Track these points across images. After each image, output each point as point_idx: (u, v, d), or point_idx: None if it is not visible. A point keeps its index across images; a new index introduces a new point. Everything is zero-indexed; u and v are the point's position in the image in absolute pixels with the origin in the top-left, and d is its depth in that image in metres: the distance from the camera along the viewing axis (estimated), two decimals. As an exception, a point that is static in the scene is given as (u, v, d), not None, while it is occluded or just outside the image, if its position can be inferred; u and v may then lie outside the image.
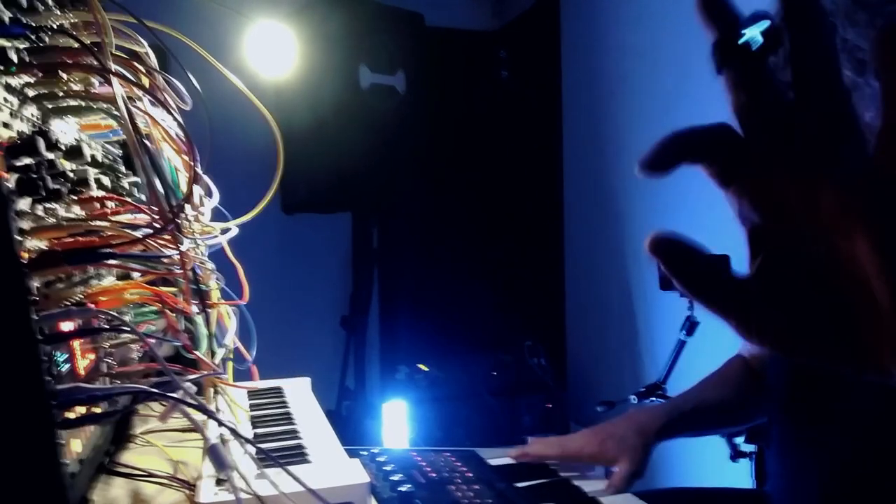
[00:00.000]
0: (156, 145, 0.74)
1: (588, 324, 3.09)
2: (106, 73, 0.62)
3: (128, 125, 0.61)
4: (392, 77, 2.79)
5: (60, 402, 0.56)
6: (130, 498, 0.80)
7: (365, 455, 1.22)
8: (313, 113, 2.62)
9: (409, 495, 1.02)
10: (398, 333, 3.22)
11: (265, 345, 0.98)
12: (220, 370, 0.82)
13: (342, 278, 3.14)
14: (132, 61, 0.68)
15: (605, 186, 2.89)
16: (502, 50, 3.39)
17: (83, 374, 0.67)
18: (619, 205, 2.81)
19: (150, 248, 0.68)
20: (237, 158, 2.00)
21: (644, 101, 2.64)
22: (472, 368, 2.76)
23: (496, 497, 1.05)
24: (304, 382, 1.19)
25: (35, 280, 0.56)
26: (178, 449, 0.97)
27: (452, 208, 3.30)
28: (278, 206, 2.86)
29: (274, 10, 2.03)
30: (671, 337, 1.91)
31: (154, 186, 0.64)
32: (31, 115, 0.67)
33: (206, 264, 0.89)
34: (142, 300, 0.79)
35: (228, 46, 1.16)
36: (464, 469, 1.17)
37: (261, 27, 1.30)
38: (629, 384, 2.59)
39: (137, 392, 0.65)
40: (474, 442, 2.49)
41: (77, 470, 0.61)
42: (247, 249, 0.96)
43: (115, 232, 0.66)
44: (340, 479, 0.71)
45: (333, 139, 2.63)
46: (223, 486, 0.68)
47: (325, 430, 0.93)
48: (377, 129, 2.70)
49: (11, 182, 0.55)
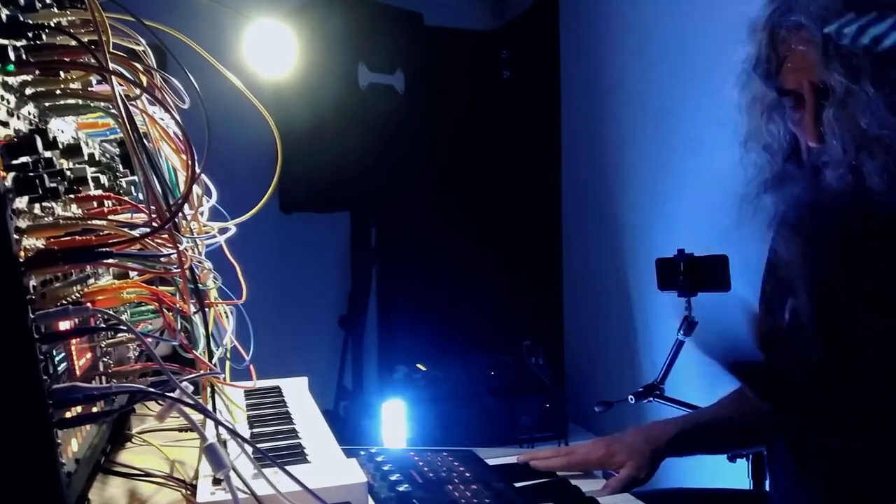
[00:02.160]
0: (154, 144, 0.74)
1: (586, 324, 3.09)
2: (104, 72, 0.61)
3: (126, 124, 0.61)
4: (391, 76, 2.79)
5: (57, 401, 0.55)
6: (127, 497, 0.80)
7: (363, 455, 1.22)
8: (312, 112, 2.62)
9: (407, 495, 1.02)
10: (396, 333, 3.22)
11: (263, 344, 0.97)
12: (217, 370, 0.82)
13: (340, 278, 3.14)
14: (130, 60, 0.67)
15: (603, 186, 2.89)
16: (504, 50, 3.39)
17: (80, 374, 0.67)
18: (617, 205, 2.81)
19: (147, 248, 0.68)
20: (236, 158, 2.00)
21: (643, 101, 2.64)
22: (470, 368, 2.75)
23: (494, 497, 1.05)
24: (301, 382, 1.19)
25: (32, 279, 0.56)
26: (175, 448, 0.97)
27: (451, 208, 3.29)
28: (277, 205, 2.85)
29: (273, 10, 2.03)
30: (669, 337, 1.90)
31: (152, 185, 0.64)
32: (29, 114, 0.67)
33: (203, 264, 0.88)
34: (139, 299, 0.79)
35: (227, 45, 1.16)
36: (462, 469, 1.17)
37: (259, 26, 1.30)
38: (627, 384, 2.59)
39: (135, 391, 0.65)
40: (472, 442, 2.49)
41: (74, 469, 0.60)
42: (245, 249, 0.95)
43: (113, 231, 0.66)
44: (338, 479, 0.71)
45: (332, 138, 2.62)
46: (220, 486, 0.68)
47: (322, 430, 0.93)
48: (376, 129, 2.69)
49: (9, 180, 0.55)
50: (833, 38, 0.90)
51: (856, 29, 0.89)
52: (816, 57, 0.93)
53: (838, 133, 0.93)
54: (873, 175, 0.91)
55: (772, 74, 1.01)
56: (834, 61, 0.91)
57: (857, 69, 0.89)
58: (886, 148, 0.90)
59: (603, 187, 2.90)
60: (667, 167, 2.49)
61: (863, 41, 0.88)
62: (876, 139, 0.90)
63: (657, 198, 2.56)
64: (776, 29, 0.99)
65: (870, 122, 0.90)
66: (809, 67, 0.95)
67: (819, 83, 0.95)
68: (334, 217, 3.09)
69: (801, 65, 0.97)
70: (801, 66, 0.96)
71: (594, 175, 2.98)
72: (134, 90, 0.69)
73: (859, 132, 0.91)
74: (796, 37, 0.96)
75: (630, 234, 2.74)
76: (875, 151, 0.91)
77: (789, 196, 1.04)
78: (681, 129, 2.41)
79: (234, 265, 0.96)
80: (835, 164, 0.95)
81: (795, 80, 0.98)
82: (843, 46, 0.90)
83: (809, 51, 0.94)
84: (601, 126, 2.91)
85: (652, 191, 2.59)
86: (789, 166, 1.05)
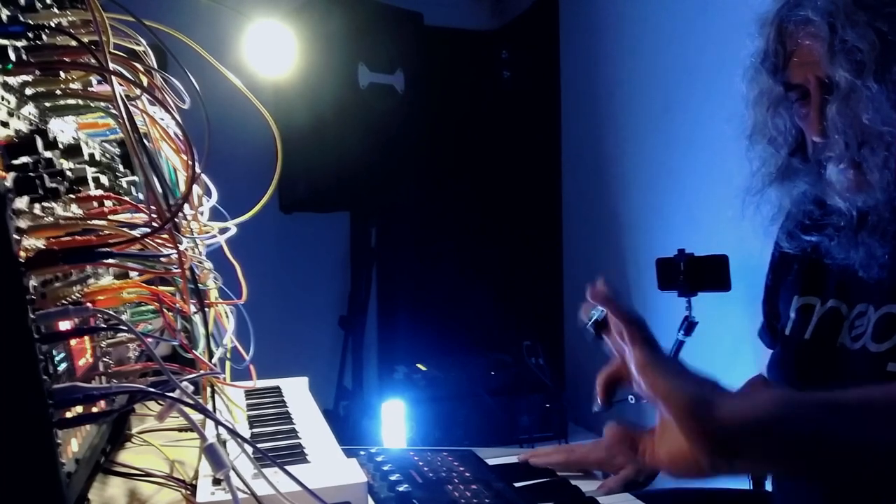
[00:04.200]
0: (154, 144, 0.74)
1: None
2: (104, 72, 0.61)
3: (126, 124, 0.61)
4: (391, 76, 2.79)
5: (58, 401, 0.55)
6: (127, 497, 0.80)
7: (363, 455, 1.22)
8: (312, 112, 2.62)
9: (407, 495, 1.02)
10: (396, 333, 3.22)
11: (263, 344, 0.97)
12: (217, 370, 0.82)
13: (340, 278, 3.14)
14: (131, 60, 0.67)
15: (603, 187, 2.89)
16: (504, 50, 3.39)
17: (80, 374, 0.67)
18: (617, 205, 2.81)
19: (147, 248, 0.68)
20: (236, 158, 2.00)
21: (643, 101, 2.64)
22: (470, 368, 2.75)
23: (494, 497, 1.05)
24: (301, 382, 1.19)
25: (32, 279, 0.56)
26: (175, 448, 0.97)
27: (451, 208, 3.29)
28: (277, 205, 2.85)
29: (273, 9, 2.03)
30: (669, 337, 1.91)
31: (152, 185, 0.64)
32: (30, 114, 0.67)
33: (204, 263, 0.88)
34: (139, 299, 0.79)
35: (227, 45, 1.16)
36: (462, 469, 1.17)
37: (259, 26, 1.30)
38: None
39: (135, 391, 0.65)
40: (472, 442, 2.49)
41: (74, 469, 0.60)
42: (245, 249, 0.95)
43: (113, 231, 0.66)
44: (338, 479, 0.71)
45: (332, 138, 2.62)
46: (220, 486, 0.68)
47: (322, 430, 0.93)
48: (376, 129, 2.69)
49: (9, 180, 0.55)
50: (839, 34, 0.90)
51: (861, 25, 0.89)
52: (822, 52, 0.93)
53: (841, 128, 0.93)
54: (874, 171, 0.92)
55: (779, 69, 1.01)
56: (839, 56, 0.91)
57: (861, 65, 0.89)
58: (888, 144, 0.90)
59: (603, 187, 2.90)
60: (667, 167, 2.49)
61: (868, 37, 0.89)
62: (878, 135, 0.90)
63: (657, 198, 2.56)
64: (784, 23, 1.00)
65: (872, 118, 0.90)
66: (815, 62, 0.95)
67: (825, 78, 0.95)
68: (334, 217, 3.09)
69: (807, 59, 0.97)
70: (808, 61, 0.97)
71: (594, 175, 2.97)
72: (134, 90, 0.69)
73: (861, 128, 0.91)
74: (803, 31, 0.97)
75: (630, 234, 2.74)
76: (877, 147, 0.91)
77: (794, 189, 1.05)
78: (681, 129, 2.41)
79: (234, 265, 0.96)
80: (837, 158, 0.95)
81: (802, 74, 0.98)
82: (848, 42, 0.90)
83: (816, 46, 0.94)
84: (601, 126, 2.91)
85: (652, 191, 2.59)
86: (794, 160, 1.05)
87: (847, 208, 0.97)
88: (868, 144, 0.92)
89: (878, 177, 0.92)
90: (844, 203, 0.97)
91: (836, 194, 0.97)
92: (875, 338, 0.97)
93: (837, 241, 1.00)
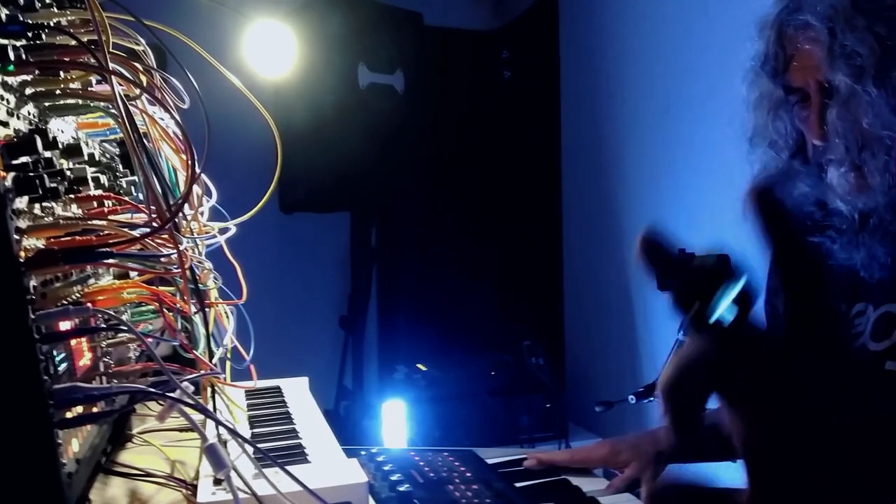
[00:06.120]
0: (154, 144, 0.74)
1: (587, 324, 3.09)
2: (104, 72, 0.61)
3: (126, 124, 0.61)
4: (391, 76, 2.79)
5: (58, 401, 0.55)
6: (128, 497, 0.80)
7: (363, 455, 1.22)
8: (312, 112, 2.61)
9: (408, 495, 1.02)
10: (397, 333, 3.21)
11: (263, 344, 0.97)
12: (217, 370, 0.82)
13: (341, 278, 3.14)
14: (130, 60, 0.67)
15: (604, 187, 2.89)
16: (504, 50, 3.39)
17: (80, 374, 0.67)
18: (618, 205, 2.81)
19: (147, 248, 0.68)
20: (236, 158, 2.00)
21: (643, 101, 2.64)
22: (470, 368, 2.75)
23: (495, 497, 1.05)
24: (302, 382, 1.19)
25: (32, 279, 0.56)
26: (175, 448, 0.97)
27: (451, 208, 3.29)
28: (277, 205, 2.85)
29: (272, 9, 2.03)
30: (670, 337, 1.90)
31: (152, 185, 0.64)
32: (29, 114, 0.67)
33: (204, 264, 0.88)
34: (139, 299, 0.79)
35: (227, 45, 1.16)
36: (462, 469, 1.17)
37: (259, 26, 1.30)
38: (628, 384, 2.59)
39: (135, 392, 0.65)
40: (473, 442, 2.49)
41: (75, 469, 0.60)
42: (245, 249, 0.95)
43: (113, 231, 0.66)
44: (339, 479, 0.71)
45: (332, 138, 2.62)
46: (221, 486, 0.68)
47: (323, 430, 0.93)
48: (376, 129, 2.69)
49: (9, 180, 0.55)
50: (838, 38, 0.91)
51: (860, 29, 0.89)
52: (822, 56, 0.93)
53: (841, 132, 0.93)
54: (875, 174, 0.92)
55: (779, 72, 1.01)
56: (839, 61, 0.91)
57: (860, 69, 0.90)
58: (888, 148, 0.91)
59: (603, 187, 2.89)
60: (667, 167, 2.49)
61: (867, 42, 0.89)
62: (878, 139, 0.91)
63: (657, 198, 2.56)
64: (784, 27, 1.00)
65: (872, 122, 0.90)
66: (815, 66, 0.96)
67: (825, 82, 0.95)
68: (334, 217, 3.09)
69: (807, 63, 0.97)
70: (808, 65, 0.97)
71: (594, 175, 2.97)
72: (134, 90, 0.69)
73: (861, 132, 0.92)
74: (803, 35, 0.97)
75: (630, 234, 2.74)
76: (877, 151, 0.92)
77: (794, 192, 1.05)
78: (681, 129, 2.41)
79: (234, 265, 0.96)
80: (837, 162, 0.96)
81: (802, 78, 0.99)
82: (847, 46, 0.90)
83: (816, 49, 0.95)
84: (601, 126, 2.91)
85: (652, 191, 2.59)
86: (795, 163, 1.05)
87: (848, 211, 0.97)
88: (868, 148, 0.93)
89: (878, 180, 0.92)
90: (845, 206, 0.97)
91: (837, 197, 0.98)
92: (874, 336, 0.97)
93: (839, 244, 1.00)
